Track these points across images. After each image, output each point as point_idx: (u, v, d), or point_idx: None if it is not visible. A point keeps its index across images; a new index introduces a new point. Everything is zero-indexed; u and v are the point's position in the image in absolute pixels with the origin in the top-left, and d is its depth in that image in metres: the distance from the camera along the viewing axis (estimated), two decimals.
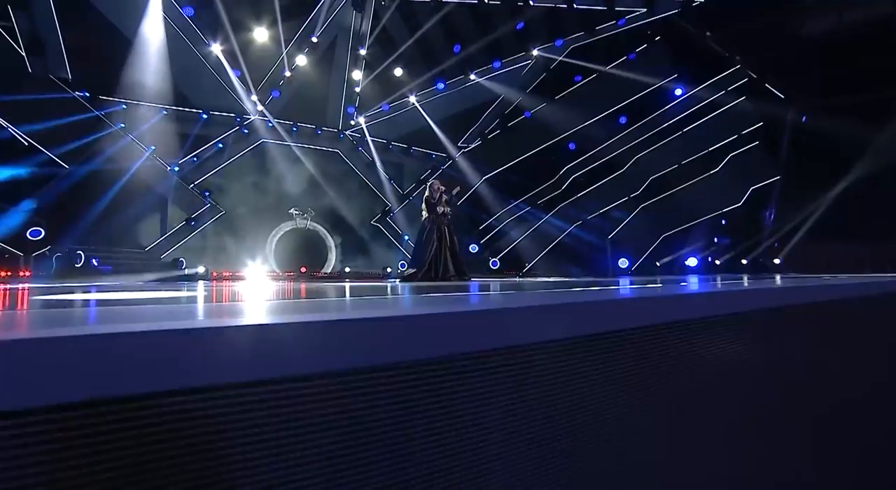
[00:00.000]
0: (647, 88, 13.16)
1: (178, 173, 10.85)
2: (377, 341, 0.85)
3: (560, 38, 12.19)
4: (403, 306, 1.43)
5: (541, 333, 1.09)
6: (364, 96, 13.26)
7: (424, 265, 7.07)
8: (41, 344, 0.58)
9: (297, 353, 0.76)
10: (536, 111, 14.23)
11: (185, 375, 0.65)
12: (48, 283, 7.73)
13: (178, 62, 9.84)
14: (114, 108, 9.93)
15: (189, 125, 11.03)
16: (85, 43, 9.02)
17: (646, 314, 1.41)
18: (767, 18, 10.64)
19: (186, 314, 1.14)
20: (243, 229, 12.17)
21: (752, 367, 1.76)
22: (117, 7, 8.65)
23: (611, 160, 14.02)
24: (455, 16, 11.37)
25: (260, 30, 10.25)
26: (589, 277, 9.57)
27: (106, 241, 9.35)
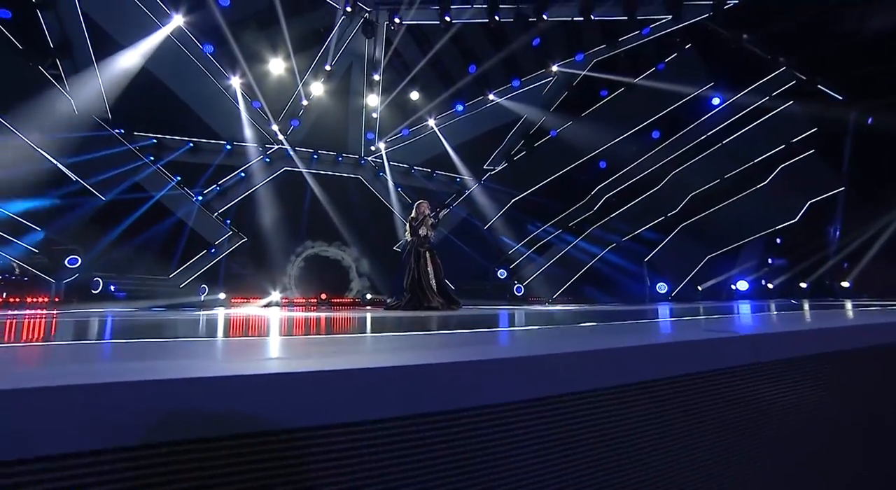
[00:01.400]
0: (680, 100, 12.27)
1: (201, 202, 11.20)
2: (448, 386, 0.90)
3: (580, 52, 11.69)
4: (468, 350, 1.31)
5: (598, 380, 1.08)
6: (383, 122, 13.31)
7: (406, 292, 6.64)
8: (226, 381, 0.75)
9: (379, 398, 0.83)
10: (562, 130, 13.68)
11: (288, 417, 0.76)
12: (81, 308, 8.01)
13: (201, 96, 10.30)
14: (145, 142, 10.49)
15: (213, 155, 11.45)
16: (121, 84, 9.66)
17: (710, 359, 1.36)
18: (811, 14, 9.61)
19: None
20: (264, 256, 12.29)
21: (829, 411, 1.63)
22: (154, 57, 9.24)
23: (645, 178, 13.07)
24: (468, 36, 11.23)
25: (276, 61, 10.58)
26: (627, 305, 8.64)
27: (128, 267, 9.67)
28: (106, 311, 5.14)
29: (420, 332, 2.23)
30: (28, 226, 8.83)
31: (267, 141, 12.24)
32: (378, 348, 1.56)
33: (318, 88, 11.57)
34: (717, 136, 12.18)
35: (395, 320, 3.63)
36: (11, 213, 8.55)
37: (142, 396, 0.68)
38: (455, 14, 10.26)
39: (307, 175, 13.26)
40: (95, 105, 9.63)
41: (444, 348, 1.41)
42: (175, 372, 0.76)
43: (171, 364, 1.06)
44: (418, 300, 6.58)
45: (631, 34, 11.39)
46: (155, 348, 1.56)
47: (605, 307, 7.19)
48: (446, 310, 6.59)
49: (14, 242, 8.53)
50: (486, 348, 1.37)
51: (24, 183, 8.67)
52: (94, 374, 0.76)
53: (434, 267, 6.88)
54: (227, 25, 9.22)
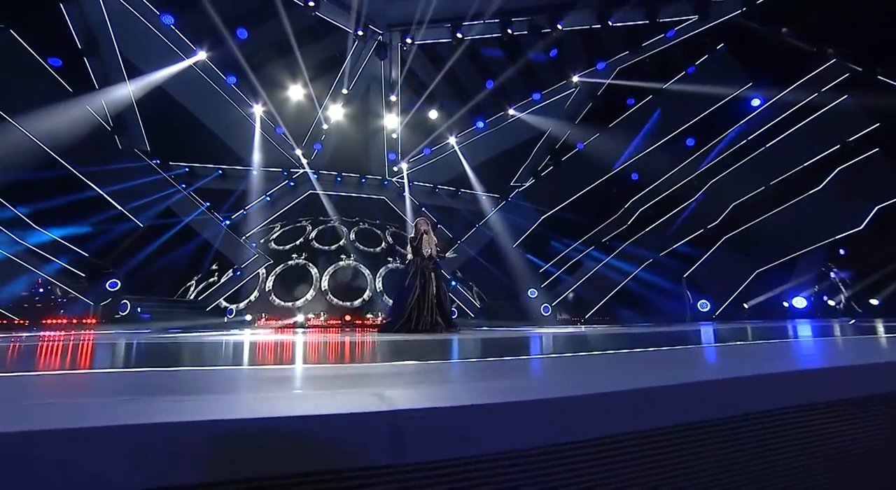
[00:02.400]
0: (715, 103, 11.43)
1: (229, 225, 11.64)
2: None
3: (601, 60, 11.26)
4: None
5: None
6: (404, 142, 13.40)
7: (404, 315, 6.31)
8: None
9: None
10: (589, 142, 13.13)
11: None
12: (119, 329, 8.40)
13: (228, 124, 10.84)
14: (178, 171, 11.13)
15: (240, 181, 11.94)
16: (157, 119, 10.37)
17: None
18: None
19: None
20: (291, 278, 12.52)
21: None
22: (178, 85, 9.88)
23: (681, 188, 12.17)
24: (483, 52, 11.15)
25: (295, 88, 10.98)
26: (668, 325, 7.89)
27: (156, 289, 10.10)
28: (150, 334, 5.29)
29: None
30: (73, 250, 9.47)
31: (292, 165, 12.65)
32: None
33: (338, 112, 11.88)
34: (760, 140, 11.16)
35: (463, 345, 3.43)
36: (56, 237, 9.21)
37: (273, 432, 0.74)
38: (466, 30, 10.22)
39: (327, 197, 13.52)
40: (136, 138, 10.37)
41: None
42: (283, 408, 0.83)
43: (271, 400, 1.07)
44: (415, 321, 6.25)
45: (655, 38, 10.84)
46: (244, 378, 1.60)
47: (652, 328, 6.51)
48: (444, 332, 6.22)
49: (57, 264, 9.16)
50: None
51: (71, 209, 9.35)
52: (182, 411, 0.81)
53: (437, 288, 6.56)
54: (247, 57, 9.71)
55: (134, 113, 9.95)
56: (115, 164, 10.02)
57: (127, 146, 10.26)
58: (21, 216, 8.59)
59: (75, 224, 9.22)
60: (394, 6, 9.91)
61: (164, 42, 8.95)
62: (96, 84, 8.97)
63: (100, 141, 9.84)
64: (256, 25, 9.34)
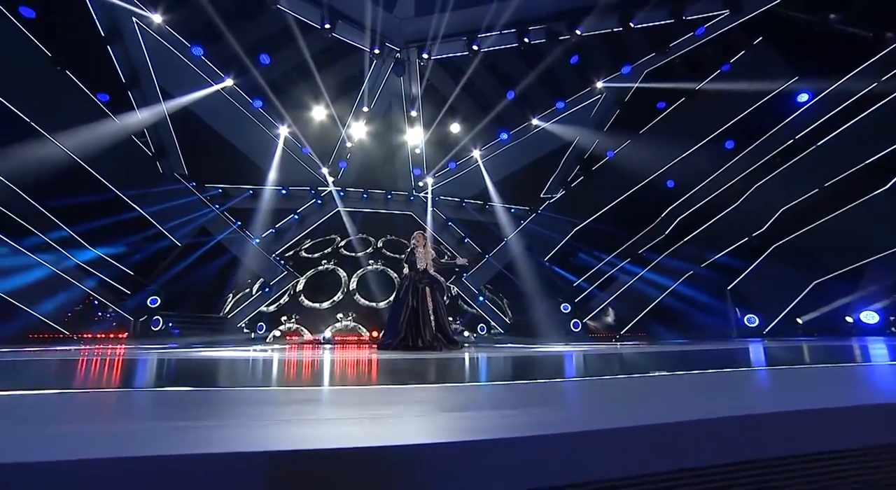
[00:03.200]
0: (757, 101, 10.59)
1: (259, 244, 12.08)
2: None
3: (626, 64, 10.79)
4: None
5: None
6: (428, 157, 13.44)
7: (400, 332, 6.11)
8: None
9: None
10: (620, 150, 12.55)
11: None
12: (153, 343, 8.87)
13: (257, 146, 11.37)
14: (212, 192, 11.76)
15: (269, 200, 12.42)
16: (193, 144, 11.07)
17: None
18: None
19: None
20: (321, 281, 12.83)
21: None
22: (210, 111, 10.54)
23: (721, 195, 11.29)
24: (502, 62, 11.04)
25: (319, 108, 11.34)
26: (718, 342, 7.23)
27: (187, 304, 10.58)
28: (184, 350, 5.57)
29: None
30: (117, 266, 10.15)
31: (319, 184, 13.02)
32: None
33: (361, 130, 12.14)
34: (810, 138, 10.15)
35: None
36: (103, 254, 9.91)
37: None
38: (483, 42, 10.18)
39: (355, 213, 13.75)
40: (175, 163, 11.11)
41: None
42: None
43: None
44: (412, 339, 6.05)
45: (683, 37, 10.27)
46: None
47: (694, 347, 5.98)
48: (445, 350, 5.97)
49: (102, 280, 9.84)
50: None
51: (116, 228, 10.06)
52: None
53: (434, 303, 6.34)
54: (271, 81, 10.19)
55: (172, 139, 10.67)
56: (158, 188, 10.75)
57: (167, 170, 11.01)
58: (73, 235, 9.35)
59: (118, 242, 9.90)
60: (409, 23, 10.08)
61: (196, 71, 9.58)
62: (139, 114, 9.73)
63: (144, 166, 10.63)
64: (277, 50, 9.81)
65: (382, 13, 9.64)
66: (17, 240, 8.36)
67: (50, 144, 8.68)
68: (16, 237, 8.40)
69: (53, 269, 8.74)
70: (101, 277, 9.58)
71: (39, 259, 8.54)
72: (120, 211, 9.91)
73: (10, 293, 8.17)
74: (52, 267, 8.70)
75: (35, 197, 8.64)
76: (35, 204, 8.73)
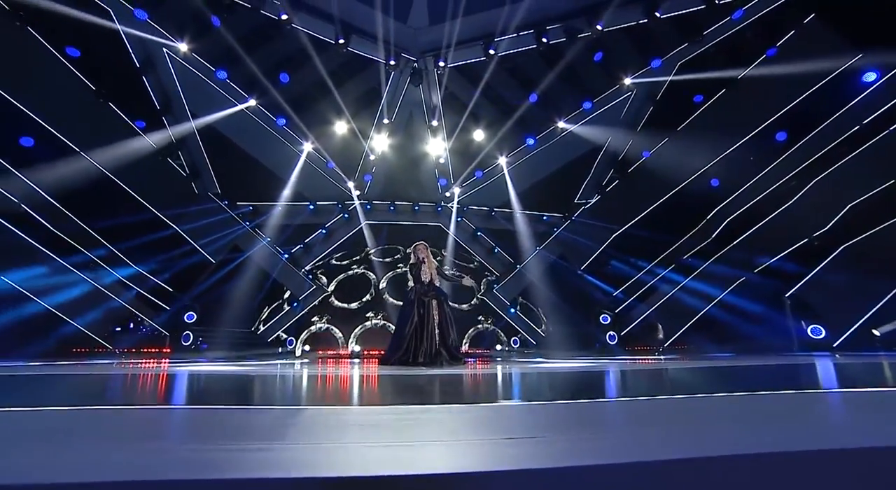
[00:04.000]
0: (811, 86, 9.49)
1: (288, 258, 12.35)
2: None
3: (656, 57, 10.08)
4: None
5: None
6: (454, 166, 13.25)
7: (401, 347, 5.83)
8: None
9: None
10: (657, 149, 11.72)
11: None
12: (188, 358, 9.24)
13: (282, 163, 11.71)
14: (244, 209, 12.22)
15: (298, 215, 12.71)
16: (224, 164, 11.60)
17: None
18: None
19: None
20: (351, 283, 12.99)
21: None
22: (238, 130, 11.01)
23: (775, 192, 10.16)
24: (522, 65, 10.71)
25: (341, 123, 11.51)
26: (768, 357, 6.44)
27: (220, 320, 10.92)
28: (216, 366, 5.77)
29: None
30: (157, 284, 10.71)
31: (346, 198, 13.18)
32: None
33: (383, 142, 12.19)
34: (881, 123, 8.90)
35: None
36: (142, 271, 10.48)
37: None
38: (499, 46, 9.91)
39: (385, 226, 13.78)
40: (208, 182, 11.68)
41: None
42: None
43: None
44: (412, 354, 5.75)
45: (718, 24, 9.45)
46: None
47: (751, 362, 5.35)
48: (447, 366, 5.62)
49: (140, 295, 10.42)
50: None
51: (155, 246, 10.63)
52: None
53: (441, 316, 6.03)
54: (292, 98, 10.48)
55: (204, 159, 11.22)
56: (193, 207, 11.28)
57: (202, 190, 11.58)
58: (116, 252, 9.98)
59: (156, 259, 10.46)
60: (423, 32, 10.03)
61: (222, 94, 10.04)
62: (172, 138, 10.33)
63: (180, 187, 11.24)
64: (296, 69, 10.08)
65: (397, 24, 9.65)
66: (64, 257, 9.04)
67: (95, 169, 9.38)
68: (65, 254, 9.08)
69: (96, 285, 9.36)
70: (139, 292, 10.14)
71: (84, 276, 9.17)
72: (157, 229, 10.48)
73: (57, 307, 8.81)
74: (95, 283, 9.31)
75: (82, 217, 9.33)
76: (81, 224, 9.42)
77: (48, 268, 8.71)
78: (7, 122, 8.51)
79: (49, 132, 8.74)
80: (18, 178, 8.63)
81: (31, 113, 8.60)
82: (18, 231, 8.59)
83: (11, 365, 6.15)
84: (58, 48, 8.57)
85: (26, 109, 8.56)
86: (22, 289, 8.60)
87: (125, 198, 10.01)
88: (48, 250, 8.86)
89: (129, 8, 8.47)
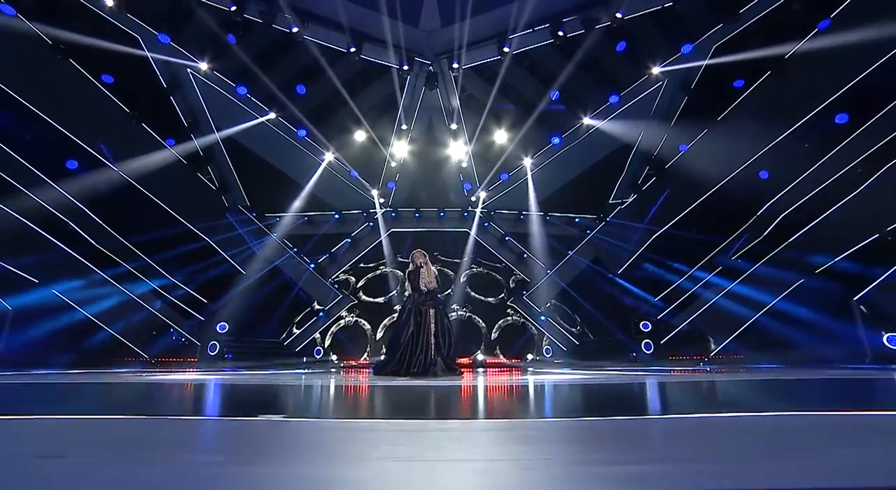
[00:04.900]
0: (876, 60, 8.30)
1: (315, 268, 12.51)
2: None
3: (686, 42, 9.26)
4: None
5: None
6: (479, 170, 12.92)
7: (395, 357, 5.59)
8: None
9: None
10: (695, 142, 10.78)
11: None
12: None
13: (306, 173, 11.91)
14: (272, 221, 12.56)
15: (324, 225, 12.88)
16: (251, 177, 12.00)
17: None
18: None
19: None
20: (378, 281, 13.01)
21: None
22: (263, 144, 11.34)
23: (835, 182, 8.96)
24: (540, 62, 10.24)
25: (360, 131, 11.55)
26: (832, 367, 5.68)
27: (247, 329, 11.20)
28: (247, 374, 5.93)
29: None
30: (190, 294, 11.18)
31: (370, 206, 13.20)
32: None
33: (404, 149, 12.10)
34: None
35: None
36: (176, 281, 10.97)
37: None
38: (514, 43, 9.53)
39: (411, 234, 13.65)
40: (237, 195, 12.12)
41: None
42: None
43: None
44: (406, 364, 5.48)
45: None
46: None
47: (823, 373, 4.76)
48: (442, 375, 5.30)
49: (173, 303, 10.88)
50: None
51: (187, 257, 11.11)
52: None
53: (437, 326, 5.74)
54: (311, 109, 10.65)
55: (232, 173, 11.65)
56: (223, 219, 11.73)
57: (232, 203, 12.03)
58: (152, 263, 10.53)
59: (187, 271, 10.93)
60: (436, 35, 9.85)
61: (244, 108, 10.38)
62: (201, 153, 10.82)
63: (211, 200, 11.73)
64: (312, 80, 10.23)
65: (408, 28, 9.56)
66: (104, 268, 9.65)
67: (133, 188, 9.98)
68: (104, 266, 9.69)
69: (131, 295, 9.90)
70: (171, 301, 10.62)
71: (120, 286, 9.73)
72: (189, 241, 10.95)
73: (97, 316, 9.39)
74: (130, 293, 9.86)
75: (120, 232, 9.93)
76: (121, 238, 10.03)
77: (87, 280, 9.30)
78: (55, 145, 9.24)
79: (90, 154, 9.41)
80: (66, 197, 9.33)
81: (74, 137, 9.31)
82: (64, 245, 9.27)
83: (49, 372, 6.55)
84: (95, 76, 9.22)
85: (70, 134, 9.27)
86: (67, 299, 9.26)
87: (159, 212, 10.53)
88: (90, 263, 9.49)
89: (154, 33, 8.95)
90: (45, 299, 8.77)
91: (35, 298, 8.66)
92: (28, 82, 8.66)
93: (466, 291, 13.94)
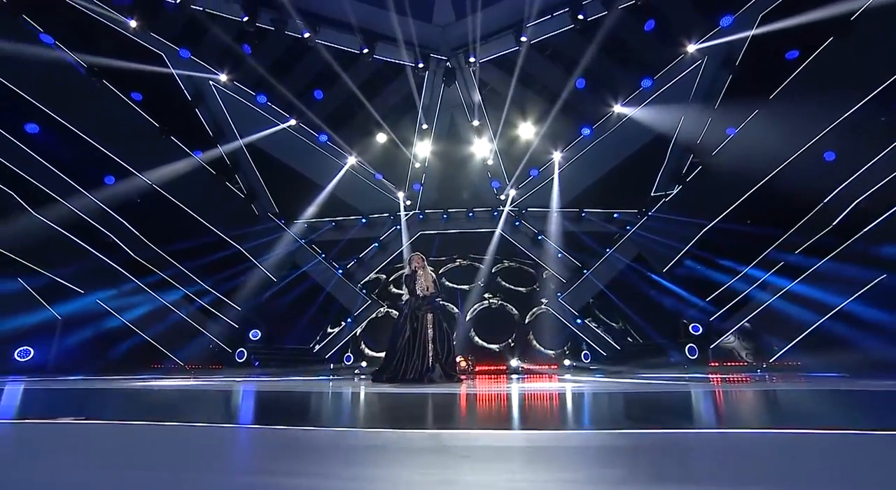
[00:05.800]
0: None
1: (343, 273, 12.49)
2: None
3: (726, 13, 8.28)
4: None
5: None
6: (507, 167, 12.38)
7: (391, 364, 5.28)
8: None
9: None
10: (745, 125, 9.68)
11: None
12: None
13: (330, 178, 11.91)
14: (299, 227, 12.68)
15: (352, 230, 12.83)
16: (277, 184, 12.18)
17: None
18: None
19: None
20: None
21: None
22: (287, 151, 11.47)
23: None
24: (563, 49, 9.59)
25: (382, 133, 11.38)
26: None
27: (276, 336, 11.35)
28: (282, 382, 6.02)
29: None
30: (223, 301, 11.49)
31: (397, 209, 13.00)
32: None
33: (426, 148, 11.80)
34: None
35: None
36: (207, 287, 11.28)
37: None
38: (532, 31, 8.96)
39: (440, 236, 13.33)
40: (266, 203, 12.35)
41: None
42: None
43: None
44: (403, 371, 5.16)
45: None
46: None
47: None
48: (440, 382, 4.94)
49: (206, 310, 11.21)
50: None
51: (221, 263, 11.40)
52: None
53: (435, 331, 5.39)
54: (330, 114, 10.61)
55: (259, 181, 11.87)
56: (254, 227, 11.96)
57: (261, 211, 12.27)
58: (186, 271, 10.93)
59: (219, 278, 11.24)
60: (451, 29, 9.47)
61: (266, 116, 10.52)
62: (227, 162, 11.10)
63: (241, 209, 12.02)
64: (328, 84, 10.18)
65: (421, 24, 9.25)
66: (139, 277, 10.12)
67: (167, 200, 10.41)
68: (140, 275, 10.17)
69: (165, 302, 10.31)
70: (203, 308, 10.96)
71: (154, 294, 10.16)
72: (220, 249, 11.25)
73: (134, 322, 9.86)
74: (164, 300, 10.27)
75: (154, 242, 10.37)
76: (156, 248, 10.47)
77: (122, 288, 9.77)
78: (94, 161, 9.77)
79: (124, 168, 9.88)
80: (105, 210, 9.86)
81: (110, 153, 9.82)
82: (103, 256, 9.80)
83: (88, 378, 6.85)
84: (125, 94, 9.68)
85: (108, 151, 9.78)
86: (107, 306, 9.79)
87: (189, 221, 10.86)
88: (126, 271, 9.97)
89: (175, 48, 9.23)
90: (86, 307, 9.29)
91: (77, 306, 9.20)
92: (67, 104, 9.20)
93: (497, 281, 13.54)
